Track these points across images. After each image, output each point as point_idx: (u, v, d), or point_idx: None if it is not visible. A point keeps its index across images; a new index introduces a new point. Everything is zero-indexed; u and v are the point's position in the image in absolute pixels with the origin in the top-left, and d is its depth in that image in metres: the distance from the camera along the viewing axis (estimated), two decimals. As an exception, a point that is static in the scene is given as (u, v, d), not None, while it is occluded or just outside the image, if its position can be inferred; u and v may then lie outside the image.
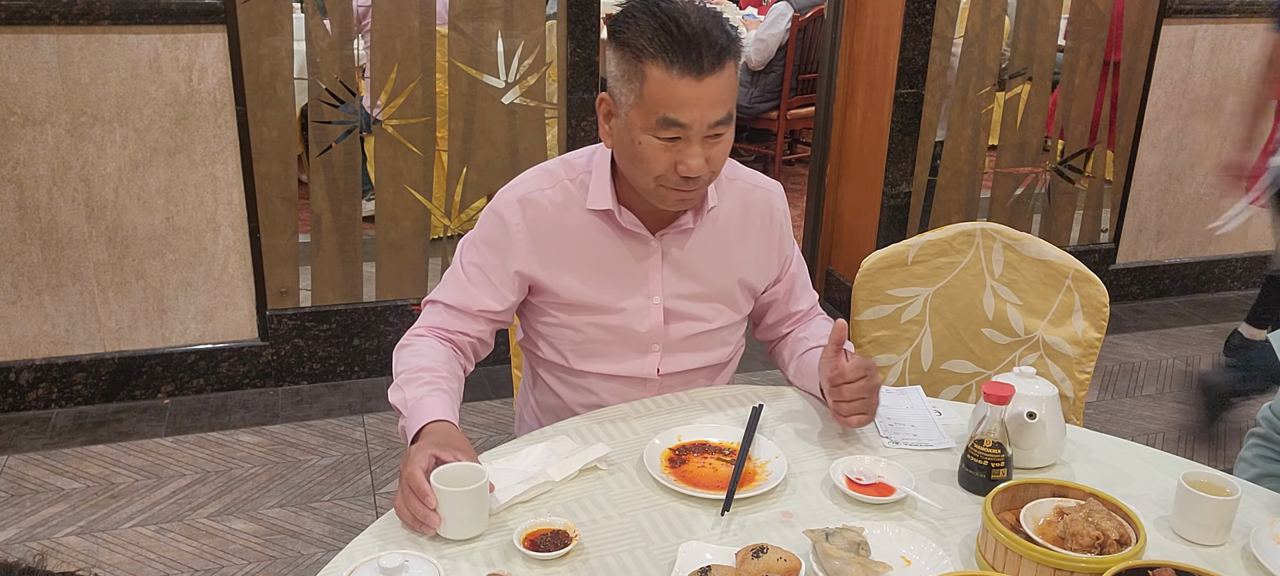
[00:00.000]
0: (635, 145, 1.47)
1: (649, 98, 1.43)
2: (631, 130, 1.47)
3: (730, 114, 1.47)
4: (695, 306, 1.67)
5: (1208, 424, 3.14)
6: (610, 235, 1.61)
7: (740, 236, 1.68)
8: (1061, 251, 1.96)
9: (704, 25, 1.41)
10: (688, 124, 1.43)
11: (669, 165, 1.47)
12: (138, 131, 2.94)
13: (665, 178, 1.48)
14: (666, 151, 1.46)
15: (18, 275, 2.98)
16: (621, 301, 1.63)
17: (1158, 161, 4.14)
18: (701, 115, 1.43)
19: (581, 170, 1.61)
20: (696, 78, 1.41)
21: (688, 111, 1.42)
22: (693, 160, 1.45)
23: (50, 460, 2.85)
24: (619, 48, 1.46)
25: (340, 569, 1.20)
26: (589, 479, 1.43)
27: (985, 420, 1.40)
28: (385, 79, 3.11)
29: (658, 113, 1.43)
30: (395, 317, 3.35)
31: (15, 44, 2.77)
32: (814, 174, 4.17)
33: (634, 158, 1.49)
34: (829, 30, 3.94)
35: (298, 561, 2.48)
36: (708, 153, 1.46)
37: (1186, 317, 4.19)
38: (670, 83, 1.41)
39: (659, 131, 1.44)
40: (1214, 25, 3.99)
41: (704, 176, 1.48)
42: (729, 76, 1.45)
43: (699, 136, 1.45)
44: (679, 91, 1.41)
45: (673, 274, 1.64)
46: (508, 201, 1.60)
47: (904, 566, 1.25)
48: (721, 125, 1.46)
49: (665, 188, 1.50)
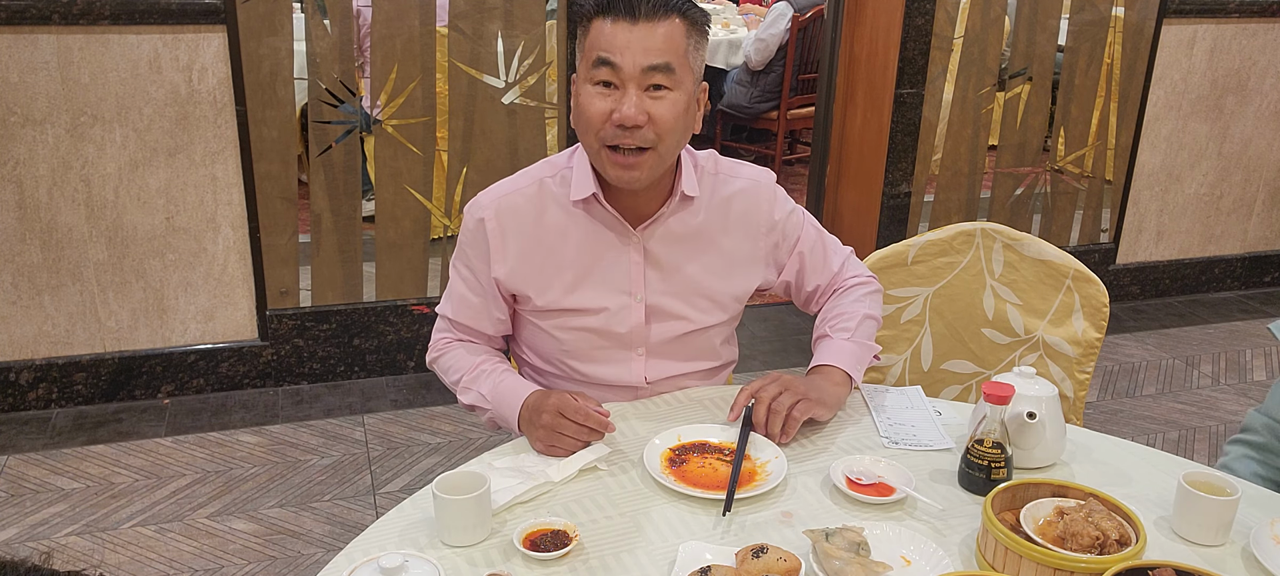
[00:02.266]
0: (578, 101, 1.51)
1: (588, 48, 1.49)
2: (577, 88, 1.51)
3: (670, 66, 1.47)
4: (678, 305, 1.65)
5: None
6: (590, 231, 1.59)
7: (723, 231, 1.65)
8: (1061, 251, 1.96)
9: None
10: (619, 65, 1.46)
11: (604, 115, 1.48)
12: (138, 131, 2.94)
13: (603, 132, 1.48)
14: (603, 98, 1.48)
15: (18, 275, 2.98)
16: (602, 300, 1.61)
17: (1158, 161, 4.14)
18: (634, 59, 1.45)
19: (562, 166, 1.61)
20: (630, 22, 1.45)
21: (620, 53, 1.45)
22: (625, 105, 1.46)
23: (50, 460, 2.85)
24: (577, 23, 1.52)
25: (340, 569, 1.20)
26: (589, 479, 1.43)
27: (985, 420, 1.40)
28: (385, 79, 3.11)
29: (594, 54, 1.47)
30: (395, 317, 3.35)
31: (15, 44, 2.77)
32: (814, 174, 4.17)
33: (577, 116, 1.52)
34: (829, 30, 3.94)
35: (298, 561, 2.48)
36: (647, 106, 1.47)
37: (1186, 317, 4.19)
38: (606, 28, 1.47)
39: (594, 74, 1.48)
40: (1214, 25, 3.99)
41: (644, 130, 1.47)
42: (672, 29, 1.47)
43: (633, 81, 1.46)
44: (614, 35, 1.46)
45: (655, 271, 1.62)
46: (482, 205, 1.60)
47: (904, 566, 1.25)
48: (660, 74, 1.46)
49: (606, 147, 1.49)
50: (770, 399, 1.52)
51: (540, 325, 1.65)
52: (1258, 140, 4.25)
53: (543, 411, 1.47)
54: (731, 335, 1.78)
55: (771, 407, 1.51)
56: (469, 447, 3.00)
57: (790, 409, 1.51)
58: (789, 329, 3.86)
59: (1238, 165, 4.27)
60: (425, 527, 1.30)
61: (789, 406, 1.51)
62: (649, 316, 1.64)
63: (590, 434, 1.46)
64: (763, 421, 1.51)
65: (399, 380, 3.38)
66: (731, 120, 5.71)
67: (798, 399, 1.52)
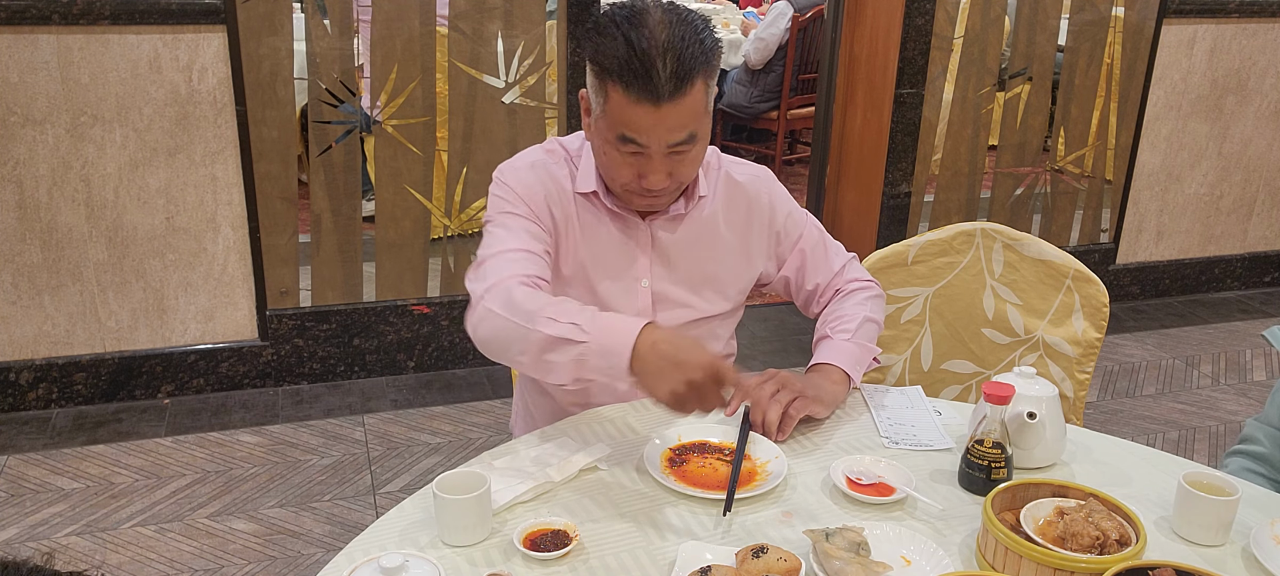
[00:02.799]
0: (603, 152, 1.52)
1: (610, 115, 1.47)
2: (600, 135, 1.51)
3: (693, 134, 1.48)
4: (684, 293, 1.67)
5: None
6: (601, 217, 1.62)
7: (728, 225, 1.68)
8: (1061, 251, 1.96)
9: (671, 44, 1.40)
10: (645, 145, 1.46)
11: (633, 176, 1.51)
12: (138, 131, 2.94)
13: (630, 185, 1.52)
14: (628, 165, 1.50)
15: (18, 275, 2.98)
16: (609, 281, 1.63)
17: (1158, 161, 4.14)
18: (659, 138, 1.46)
19: (574, 152, 1.64)
20: (654, 105, 1.42)
21: (646, 135, 1.45)
22: (653, 176, 1.49)
23: (50, 460, 2.84)
24: (589, 57, 1.48)
25: (340, 569, 1.20)
26: (589, 479, 1.43)
27: (985, 420, 1.40)
28: (385, 79, 3.11)
29: (617, 130, 1.47)
30: (395, 317, 3.35)
31: (15, 44, 2.77)
32: (814, 174, 4.17)
33: (603, 162, 1.55)
34: (829, 30, 3.94)
35: (298, 561, 2.48)
36: (670, 167, 1.49)
37: (1186, 317, 4.19)
38: (628, 106, 1.43)
39: (620, 146, 1.48)
40: (1214, 25, 3.99)
41: (669, 188, 1.51)
42: (693, 99, 1.44)
43: (659, 154, 1.47)
44: (636, 116, 1.44)
45: (661, 259, 1.65)
46: (517, 167, 1.61)
47: (904, 566, 1.25)
48: (683, 145, 1.48)
49: (631, 193, 1.54)
50: (768, 396, 1.52)
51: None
52: (1258, 140, 4.25)
53: (690, 365, 1.27)
54: (732, 333, 1.79)
55: (768, 404, 1.51)
56: (469, 447, 3.00)
57: (787, 406, 1.51)
58: (789, 329, 3.86)
59: (1238, 165, 4.27)
60: (425, 527, 1.30)
61: (786, 403, 1.51)
62: (655, 303, 1.66)
63: (704, 403, 1.31)
64: (760, 420, 1.51)
65: (399, 380, 3.38)
66: (731, 120, 5.71)
67: (795, 396, 1.52)
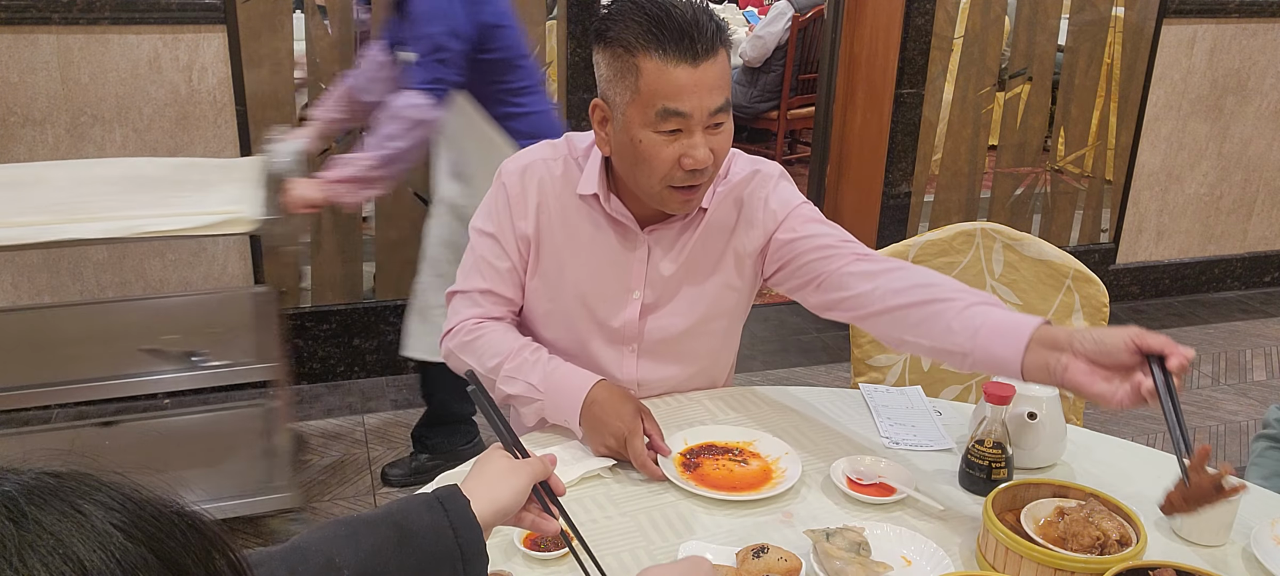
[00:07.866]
0: (636, 146, 1.43)
1: (646, 91, 1.40)
2: (630, 130, 1.43)
3: (728, 101, 1.45)
4: (675, 305, 1.61)
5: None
6: (599, 223, 1.58)
7: (729, 228, 1.61)
8: (1061, 251, 1.96)
9: (693, 13, 1.41)
10: (688, 112, 1.40)
11: (673, 161, 1.43)
12: (138, 131, 2.94)
13: (671, 176, 1.44)
14: (669, 146, 1.42)
15: (18, 275, 2.98)
16: (601, 288, 1.60)
17: (1158, 161, 4.14)
18: (701, 101, 1.40)
19: (581, 151, 1.59)
20: (692, 64, 1.39)
21: (687, 99, 1.39)
22: (698, 151, 1.42)
23: (50, 460, 2.84)
24: (609, 46, 1.43)
25: (341, 569, 1.20)
26: (590, 480, 1.43)
27: (985, 420, 1.40)
28: (385, 79, 3.11)
29: (656, 104, 1.40)
30: (395, 317, 3.35)
31: (15, 44, 2.77)
32: (814, 174, 4.17)
33: (636, 159, 1.45)
34: (829, 30, 3.94)
35: (298, 561, 2.47)
36: (711, 142, 1.43)
37: (1186, 317, 4.19)
38: (666, 71, 1.39)
39: (659, 125, 1.41)
40: (1214, 25, 3.99)
41: (709, 168, 1.45)
42: (723, 63, 1.43)
43: (701, 125, 1.42)
44: (676, 79, 1.39)
45: (657, 273, 1.60)
46: (510, 171, 1.60)
47: (904, 566, 1.25)
48: (721, 112, 1.44)
49: (671, 188, 1.46)
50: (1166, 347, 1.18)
51: (535, 307, 1.64)
52: (1258, 140, 4.25)
53: (608, 431, 1.45)
54: (726, 343, 1.72)
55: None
56: (469, 447, 3.00)
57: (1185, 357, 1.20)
58: (789, 329, 3.86)
59: (1238, 165, 4.27)
60: (426, 527, 1.30)
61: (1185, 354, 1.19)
62: (644, 313, 1.61)
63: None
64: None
65: (399, 380, 3.38)
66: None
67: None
